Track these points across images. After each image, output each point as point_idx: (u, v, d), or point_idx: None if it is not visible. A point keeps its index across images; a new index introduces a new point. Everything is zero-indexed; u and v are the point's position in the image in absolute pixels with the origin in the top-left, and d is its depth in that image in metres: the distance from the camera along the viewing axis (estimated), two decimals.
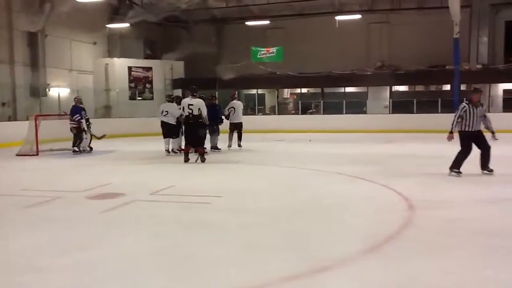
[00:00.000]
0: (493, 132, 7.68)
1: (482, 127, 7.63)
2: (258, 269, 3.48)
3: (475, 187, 6.71)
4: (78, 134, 12.17)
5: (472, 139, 7.51)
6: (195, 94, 10.00)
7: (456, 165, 7.49)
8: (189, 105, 9.83)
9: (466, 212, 5.17)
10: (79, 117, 12.02)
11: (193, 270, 3.49)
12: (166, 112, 11.48)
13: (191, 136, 9.99)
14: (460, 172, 7.42)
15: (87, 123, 12.29)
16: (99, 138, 12.63)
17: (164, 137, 11.64)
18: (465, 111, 7.48)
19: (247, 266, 3.57)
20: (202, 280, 3.30)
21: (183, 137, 11.15)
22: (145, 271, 3.48)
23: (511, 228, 4.54)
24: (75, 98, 12.81)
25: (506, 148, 12.24)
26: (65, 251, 3.95)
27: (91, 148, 12.40)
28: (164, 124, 11.52)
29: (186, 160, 9.99)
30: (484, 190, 6.47)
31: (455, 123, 7.55)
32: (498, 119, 19.50)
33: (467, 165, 7.36)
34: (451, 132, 7.56)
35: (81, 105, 12.35)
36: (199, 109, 9.78)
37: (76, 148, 12.14)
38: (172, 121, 11.42)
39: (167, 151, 11.57)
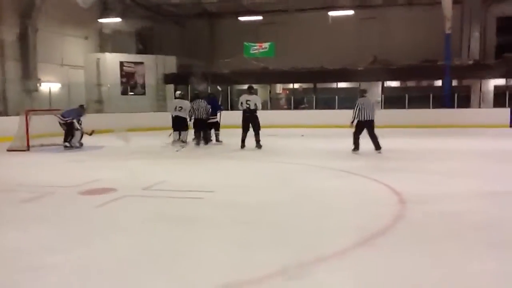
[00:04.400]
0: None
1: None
2: (251, 264, 3.49)
3: (463, 180, 6.77)
4: (69, 130, 12.16)
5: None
6: (252, 91, 11.68)
7: None
8: (247, 100, 11.35)
9: (456, 205, 5.21)
10: (70, 119, 12.07)
11: (185, 266, 3.49)
12: (180, 108, 12.71)
13: (248, 127, 11.55)
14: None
15: (79, 122, 12.32)
16: (89, 134, 12.63)
17: (175, 130, 12.94)
18: None
19: (240, 261, 3.57)
20: (194, 277, 3.30)
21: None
22: (136, 268, 3.47)
23: (499, 221, 4.58)
24: (83, 106, 13.05)
25: (499, 142, 12.39)
26: (55, 249, 3.93)
27: (81, 144, 12.39)
28: (178, 118, 12.75)
29: (243, 146, 11.55)
30: (473, 183, 6.52)
31: None
32: (489, 114, 19.85)
33: (455, 161, 7.41)
34: None
35: (82, 112, 12.53)
36: (255, 103, 11.30)
37: (67, 144, 12.15)
38: (185, 115, 12.72)
39: (175, 141, 12.74)
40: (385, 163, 8.80)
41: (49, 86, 20.21)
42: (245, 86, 27.63)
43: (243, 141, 11.59)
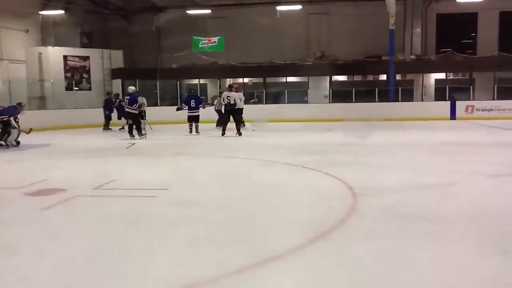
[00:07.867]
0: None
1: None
2: (205, 263, 3.44)
3: (411, 174, 7.03)
4: (5, 128, 11.65)
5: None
6: (232, 88, 14.01)
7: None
8: (228, 96, 13.55)
9: (405, 198, 5.40)
10: (6, 117, 11.53)
11: (135, 266, 3.40)
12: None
13: (229, 118, 14.00)
14: None
15: (16, 120, 11.81)
16: (27, 133, 12.15)
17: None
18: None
19: (194, 260, 3.52)
20: (146, 278, 3.21)
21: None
22: (84, 269, 3.35)
23: (443, 213, 4.80)
24: (21, 103, 12.34)
25: (440, 135, 12.97)
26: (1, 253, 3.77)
27: (18, 143, 11.88)
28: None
29: (223, 134, 13.70)
30: (417, 177, 6.78)
31: None
32: (430, 107, 20.70)
33: (400, 154, 7.62)
34: None
35: (19, 110, 11.95)
36: (234, 99, 13.42)
37: (2, 142, 11.62)
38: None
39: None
40: (335, 157, 8.98)
41: None
42: (195, 81, 27.58)
43: (224, 130, 13.77)
